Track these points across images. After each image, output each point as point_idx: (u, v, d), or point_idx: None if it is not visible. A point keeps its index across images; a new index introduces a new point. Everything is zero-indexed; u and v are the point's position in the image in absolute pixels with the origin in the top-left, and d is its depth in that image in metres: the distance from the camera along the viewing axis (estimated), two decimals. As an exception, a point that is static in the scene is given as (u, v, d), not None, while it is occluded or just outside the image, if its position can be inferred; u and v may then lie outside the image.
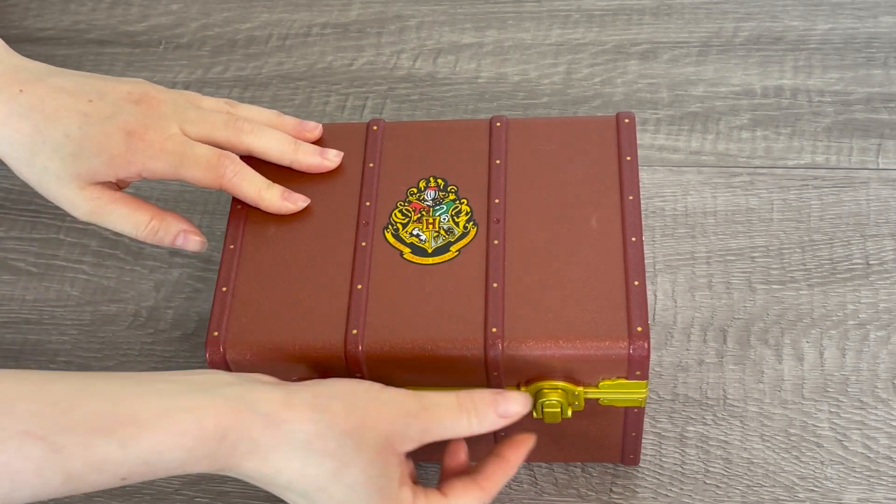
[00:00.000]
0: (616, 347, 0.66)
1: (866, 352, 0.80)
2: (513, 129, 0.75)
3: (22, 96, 0.72)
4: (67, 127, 0.72)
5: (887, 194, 0.87)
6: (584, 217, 0.71)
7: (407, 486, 0.64)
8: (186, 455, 0.59)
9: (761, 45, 0.96)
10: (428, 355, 0.67)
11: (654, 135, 0.92)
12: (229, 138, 0.74)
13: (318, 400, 0.62)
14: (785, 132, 0.91)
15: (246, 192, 0.73)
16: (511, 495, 0.76)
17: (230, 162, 0.73)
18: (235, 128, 0.74)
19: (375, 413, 0.62)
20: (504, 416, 0.65)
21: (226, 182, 0.72)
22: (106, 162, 0.72)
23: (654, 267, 0.84)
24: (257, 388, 0.62)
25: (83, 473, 0.58)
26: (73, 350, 0.85)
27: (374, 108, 0.95)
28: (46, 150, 0.72)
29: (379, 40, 1.00)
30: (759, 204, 0.87)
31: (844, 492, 0.74)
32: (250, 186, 0.73)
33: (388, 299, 0.69)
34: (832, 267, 0.84)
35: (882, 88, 0.93)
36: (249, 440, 0.60)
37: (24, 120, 0.72)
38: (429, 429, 0.64)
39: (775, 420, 0.77)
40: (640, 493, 0.75)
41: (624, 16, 0.99)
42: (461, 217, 0.72)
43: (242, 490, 0.77)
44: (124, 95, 0.73)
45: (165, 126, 0.73)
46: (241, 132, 0.74)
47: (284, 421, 0.61)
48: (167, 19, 1.03)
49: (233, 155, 0.73)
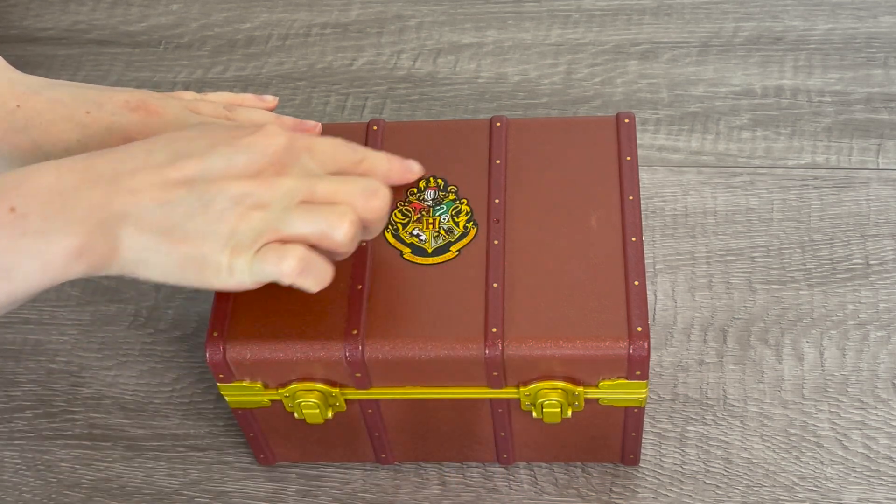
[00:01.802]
0: (616, 347, 0.66)
1: (866, 352, 0.80)
2: (513, 129, 0.75)
3: (19, 111, 0.72)
4: (67, 140, 0.71)
5: (887, 194, 0.87)
6: (584, 217, 0.71)
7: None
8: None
9: (761, 45, 0.96)
10: (428, 355, 0.67)
11: (654, 135, 0.92)
12: None
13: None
14: (785, 132, 0.91)
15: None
16: (511, 495, 0.76)
17: None
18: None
19: None
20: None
21: None
22: None
23: (654, 267, 0.84)
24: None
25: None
26: (73, 350, 0.85)
27: (374, 108, 0.95)
28: None
29: (379, 40, 1.00)
30: (759, 204, 0.87)
31: (844, 492, 0.74)
32: None
33: (388, 299, 0.69)
34: (832, 267, 0.84)
35: (882, 88, 0.93)
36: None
37: (22, 135, 0.72)
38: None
39: (775, 420, 0.78)
40: (640, 493, 0.75)
41: (624, 16, 0.99)
42: (461, 217, 0.72)
43: (242, 490, 0.77)
44: (122, 104, 0.73)
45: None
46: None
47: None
48: (167, 19, 1.03)
49: None
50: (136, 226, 0.61)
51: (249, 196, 0.62)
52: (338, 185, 0.64)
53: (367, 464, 0.78)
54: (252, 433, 0.74)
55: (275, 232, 0.62)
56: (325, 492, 0.77)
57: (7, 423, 0.82)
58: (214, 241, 0.62)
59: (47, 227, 0.59)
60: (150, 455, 0.80)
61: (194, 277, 0.63)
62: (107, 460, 0.80)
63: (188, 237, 0.61)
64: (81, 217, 0.60)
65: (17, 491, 0.79)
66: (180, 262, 0.62)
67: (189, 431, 0.80)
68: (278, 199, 0.62)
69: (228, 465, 0.79)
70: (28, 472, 0.79)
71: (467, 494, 0.76)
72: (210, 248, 0.62)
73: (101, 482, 0.79)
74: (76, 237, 0.60)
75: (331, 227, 0.63)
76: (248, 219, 0.62)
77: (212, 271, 0.62)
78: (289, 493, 0.77)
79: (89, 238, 0.60)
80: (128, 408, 0.82)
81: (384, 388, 0.70)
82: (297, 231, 0.63)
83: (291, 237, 0.63)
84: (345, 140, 0.68)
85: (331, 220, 0.63)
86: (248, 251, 0.62)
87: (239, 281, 0.63)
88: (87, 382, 0.83)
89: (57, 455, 0.80)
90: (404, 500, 0.76)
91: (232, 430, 0.80)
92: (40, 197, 0.59)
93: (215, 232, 0.62)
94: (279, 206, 0.62)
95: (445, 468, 0.77)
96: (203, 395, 0.82)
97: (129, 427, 0.81)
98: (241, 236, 0.62)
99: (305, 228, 0.63)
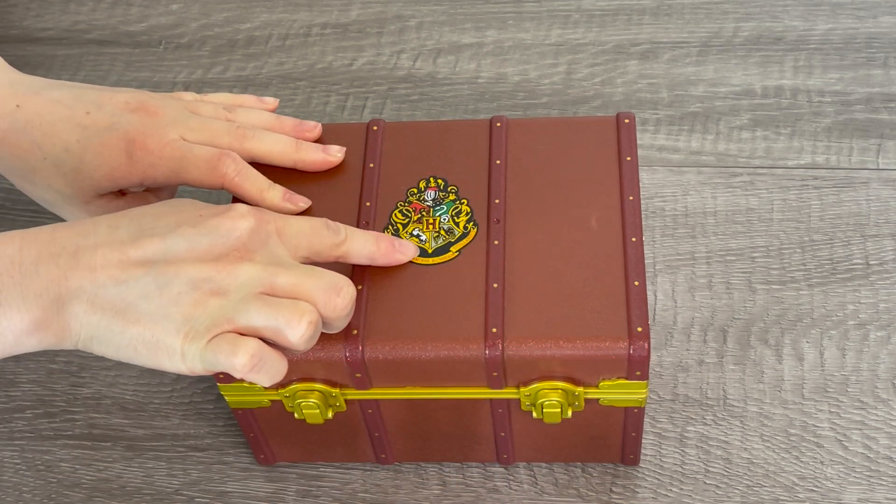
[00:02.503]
0: (616, 347, 0.66)
1: (866, 352, 0.80)
2: (513, 129, 0.75)
3: (19, 111, 0.72)
4: (66, 141, 0.71)
5: (887, 194, 0.87)
6: (584, 217, 0.71)
7: None
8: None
9: (761, 45, 0.96)
10: (428, 355, 0.67)
11: (654, 135, 0.92)
12: (231, 145, 0.73)
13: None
14: (785, 132, 0.91)
15: (248, 192, 0.72)
16: (511, 495, 0.76)
17: (231, 161, 0.72)
18: (237, 135, 0.74)
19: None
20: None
21: (227, 182, 0.72)
22: (107, 175, 0.72)
23: (654, 267, 0.84)
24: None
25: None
26: (73, 350, 0.84)
27: (374, 108, 0.95)
28: (47, 167, 0.72)
29: (379, 40, 1.00)
30: (759, 204, 0.87)
31: (844, 492, 0.74)
32: (252, 186, 0.72)
33: (388, 299, 0.69)
34: (832, 267, 0.84)
35: (882, 88, 0.93)
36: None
37: (22, 136, 0.72)
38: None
39: (775, 420, 0.78)
40: (640, 493, 0.75)
41: (624, 16, 0.99)
42: (461, 217, 0.72)
43: (242, 490, 0.77)
44: (122, 105, 0.73)
45: (165, 133, 0.72)
46: (244, 139, 0.74)
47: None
48: (167, 19, 1.03)
49: (234, 154, 0.72)
50: (90, 303, 0.61)
51: (207, 282, 0.61)
52: (301, 278, 0.62)
53: (367, 464, 0.78)
54: (252, 433, 0.74)
55: (229, 322, 0.61)
56: (325, 492, 0.77)
57: (7, 423, 0.82)
58: (168, 325, 0.60)
59: (2, 299, 0.59)
60: (150, 455, 0.80)
61: (147, 359, 0.62)
62: (107, 460, 0.80)
63: (142, 319, 0.60)
64: (37, 292, 0.60)
65: (17, 491, 0.79)
66: (133, 342, 0.61)
67: (189, 431, 0.80)
68: (236, 288, 0.61)
69: (228, 465, 0.79)
70: (28, 472, 0.79)
71: (467, 494, 0.76)
72: (163, 332, 0.61)
73: (101, 482, 0.79)
74: (29, 312, 0.60)
75: (287, 326, 0.61)
76: (203, 305, 0.60)
77: (164, 354, 0.61)
78: (289, 494, 0.77)
79: (43, 314, 0.60)
80: (128, 408, 0.82)
81: (384, 389, 0.70)
82: (252, 323, 0.61)
83: (246, 329, 0.61)
84: (328, 220, 0.67)
85: (288, 318, 0.61)
86: (202, 339, 0.60)
87: (190, 367, 0.61)
88: (87, 382, 0.83)
89: (57, 455, 0.80)
90: (404, 500, 0.76)
91: (232, 430, 0.80)
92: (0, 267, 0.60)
93: (169, 316, 0.60)
94: (237, 296, 0.61)
95: (445, 468, 0.77)
96: (203, 395, 0.82)
97: (129, 427, 0.81)
98: (195, 322, 0.60)
99: (260, 322, 0.61)
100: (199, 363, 0.61)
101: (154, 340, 0.61)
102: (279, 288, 0.62)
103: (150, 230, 0.62)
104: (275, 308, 0.61)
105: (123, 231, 0.62)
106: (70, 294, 0.60)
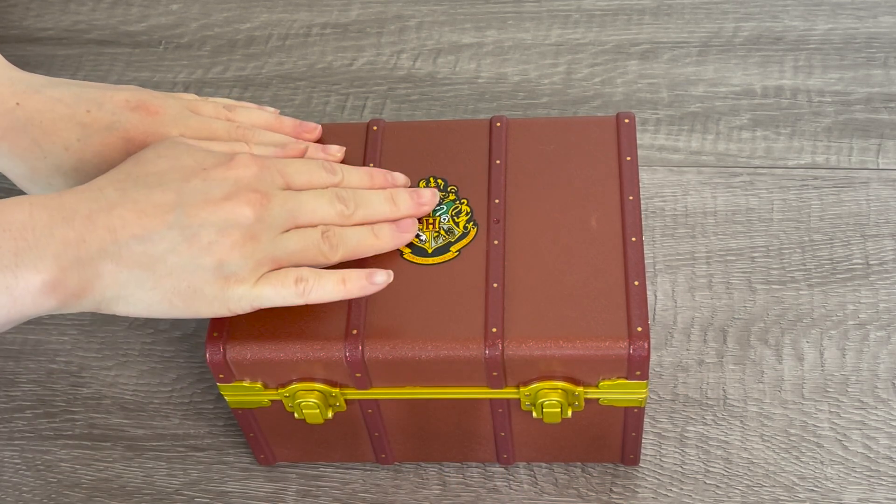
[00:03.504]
0: (616, 347, 0.66)
1: (866, 352, 0.80)
2: (513, 129, 0.75)
3: (19, 110, 0.72)
4: (67, 139, 0.71)
5: (887, 194, 0.87)
6: (584, 217, 0.71)
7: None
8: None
9: (761, 45, 0.96)
10: (428, 355, 0.67)
11: (654, 135, 0.92)
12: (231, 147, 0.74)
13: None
14: (785, 132, 0.91)
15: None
16: (511, 495, 0.76)
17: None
18: (237, 134, 0.74)
19: None
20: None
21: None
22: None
23: (654, 267, 0.84)
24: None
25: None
26: (73, 350, 0.85)
27: (374, 108, 0.95)
28: (48, 166, 0.72)
29: (379, 40, 1.00)
30: (759, 204, 0.87)
31: (844, 492, 0.74)
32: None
33: (388, 299, 0.69)
34: (832, 267, 0.84)
35: (882, 88, 0.93)
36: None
37: (22, 134, 0.71)
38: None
39: (775, 420, 0.78)
40: (640, 493, 0.75)
41: (624, 16, 0.99)
42: (461, 217, 0.72)
43: (242, 490, 0.77)
44: (122, 104, 0.73)
45: (165, 133, 0.72)
46: (244, 139, 0.74)
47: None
48: (167, 19, 1.03)
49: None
50: (116, 262, 0.62)
51: (234, 227, 0.63)
52: (314, 201, 0.67)
53: (367, 464, 0.78)
54: (252, 433, 0.74)
55: (272, 260, 0.65)
56: (325, 492, 0.77)
57: (7, 423, 0.82)
58: (204, 273, 0.63)
59: (17, 262, 0.60)
60: (150, 455, 0.80)
61: (183, 310, 0.64)
62: (107, 460, 0.80)
63: (174, 271, 0.63)
64: (55, 253, 0.61)
65: (17, 491, 0.79)
66: (167, 295, 0.63)
67: (189, 431, 0.80)
68: (264, 229, 0.64)
69: (228, 465, 0.79)
70: (28, 472, 0.79)
71: (467, 494, 0.76)
72: (200, 280, 0.63)
73: (101, 482, 0.79)
74: (47, 273, 0.60)
75: (319, 242, 0.66)
76: (239, 249, 0.63)
77: (203, 302, 0.64)
78: (289, 494, 0.77)
79: (62, 274, 0.61)
80: (128, 408, 0.82)
81: (384, 388, 0.70)
82: (289, 252, 0.65)
83: (286, 261, 0.65)
84: (323, 163, 0.70)
85: (316, 238, 0.66)
86: (248, 281, 0.64)
87: (234, 309, 0.65)
88: (87, 382, 0.83)
89: (57, 455, 0.80)
90: (404, 500, 0.76)
91: (232, 430, 0.80)
92: (12, 232, 0.60)
93: (203, 265, 0.63)
94: (268, 236, 0.64)
95: (445, 468, 0.77)
96: (203, 395, 0.82)
97: (129, 427, 0.81)
98: (234, 266, 0.63)
99: (297, 247, 0.65)
100: (248, 303, 0.65)
101: (190, 290, 0.63)
102: (301, 219, 0.66)
103: (160, 185, 0.64)
104: (302, 233, 0.66)
105: (133, 191, 0.63)
106: (91, 255, 0.61)
